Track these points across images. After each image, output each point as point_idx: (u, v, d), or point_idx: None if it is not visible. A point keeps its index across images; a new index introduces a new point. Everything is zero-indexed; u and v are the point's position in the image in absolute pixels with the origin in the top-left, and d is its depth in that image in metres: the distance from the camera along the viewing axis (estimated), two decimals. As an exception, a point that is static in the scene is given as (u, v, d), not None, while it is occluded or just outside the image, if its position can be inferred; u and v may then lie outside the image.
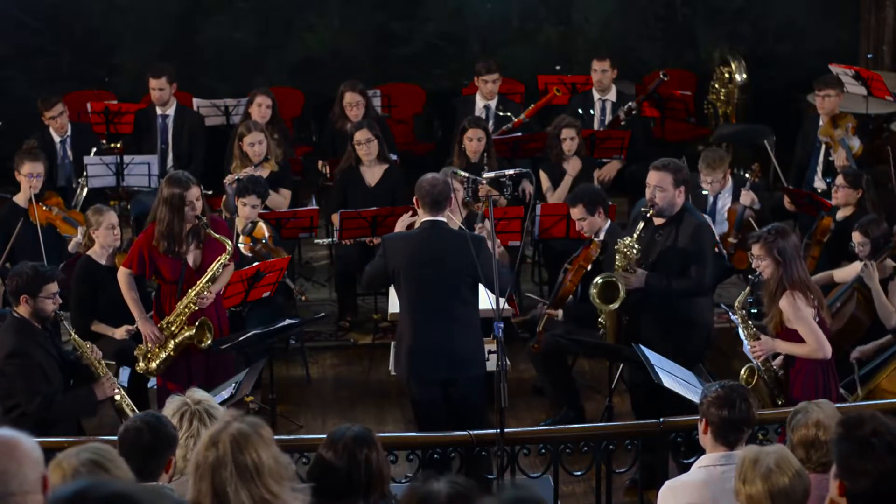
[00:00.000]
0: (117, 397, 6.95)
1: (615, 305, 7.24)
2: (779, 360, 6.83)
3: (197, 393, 4.71)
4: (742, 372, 6.91)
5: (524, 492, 3.40)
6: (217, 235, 7.16)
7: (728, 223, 8.92)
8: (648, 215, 7.20)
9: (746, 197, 8.87)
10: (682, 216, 7.24)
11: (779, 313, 6.63)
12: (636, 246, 7.20)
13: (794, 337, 6.64)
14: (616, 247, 7.26)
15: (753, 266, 6.84)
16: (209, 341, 7.16)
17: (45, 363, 6.70)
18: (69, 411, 6.89)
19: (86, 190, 9.60)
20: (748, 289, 7.02)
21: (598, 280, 7.27)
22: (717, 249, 8.13)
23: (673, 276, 7.21)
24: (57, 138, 10.01)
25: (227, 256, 7.19)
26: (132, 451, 4.25)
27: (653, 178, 7.21)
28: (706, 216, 8.06)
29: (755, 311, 8.48)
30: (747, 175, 9.06)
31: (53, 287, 6.75)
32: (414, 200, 6.97)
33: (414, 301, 6.89)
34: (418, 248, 6.87)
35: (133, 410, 6.90)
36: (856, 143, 9.46)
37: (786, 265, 6.58)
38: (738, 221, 8.81)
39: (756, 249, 6.70)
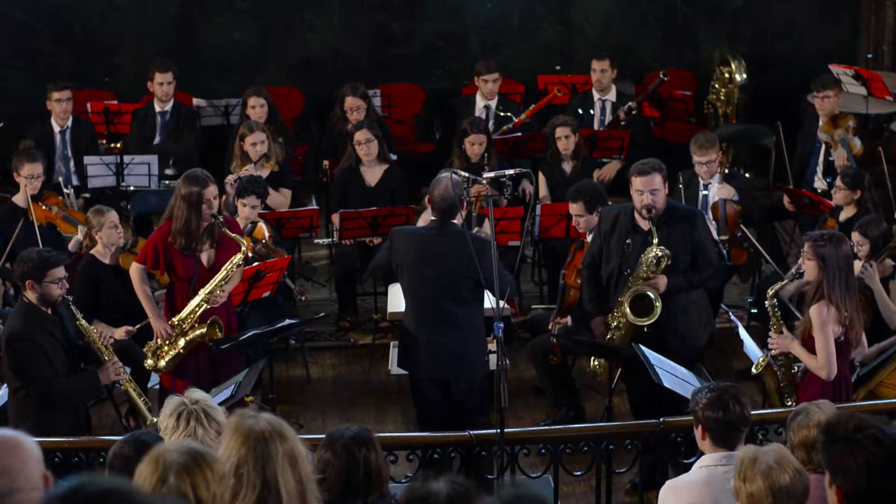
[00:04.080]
0: (123, 382, 6.98)
1: (655, 316, 7.09)
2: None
3: (195, 393, 4.69)
4: (760, 358, 6.91)
5: (524, 491, 3.40)
6: (233, 235, 7.15)
7: (715, 221, 8.87)
8: (654, 221, 7.03)
9: (722, 190, 8.82)
10: (669, 210, 7.20)
11: (809, 320, 6.54)
12: (659, 250, 7.08)
13: (814, 347, 6.55)
14: (641, 261, 7.10)
15: (799, 262, 6.80)
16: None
17: (50, 348, 6.68)
18: (72, 395, 6.82)
19: (72, 189, 9.59)
20: (785, 281, 6.97)
21: (627, 298, 7.13)
22: (717, 248, 8.11)
23: (689, 271, 7.19)
24: (57, 128, 10.03)
25: (242, 256, 7.19)
26: (123, 477, 4.23)
27: (643, 183, 7.04)
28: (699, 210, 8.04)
29: (755, 311, 8.49)
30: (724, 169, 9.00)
31: (59, 272, 6.71)
32: (426, 199, 6.94)
33: (417, 299, 6.89)
34: (423, 246, 6.86)
35: (139, 395, 7.05)
36: (857, 143, 9.44)
37: (828, 273, 6.46)
38: (722, 217, 8.75)
39: (805, 247, 6.65)
